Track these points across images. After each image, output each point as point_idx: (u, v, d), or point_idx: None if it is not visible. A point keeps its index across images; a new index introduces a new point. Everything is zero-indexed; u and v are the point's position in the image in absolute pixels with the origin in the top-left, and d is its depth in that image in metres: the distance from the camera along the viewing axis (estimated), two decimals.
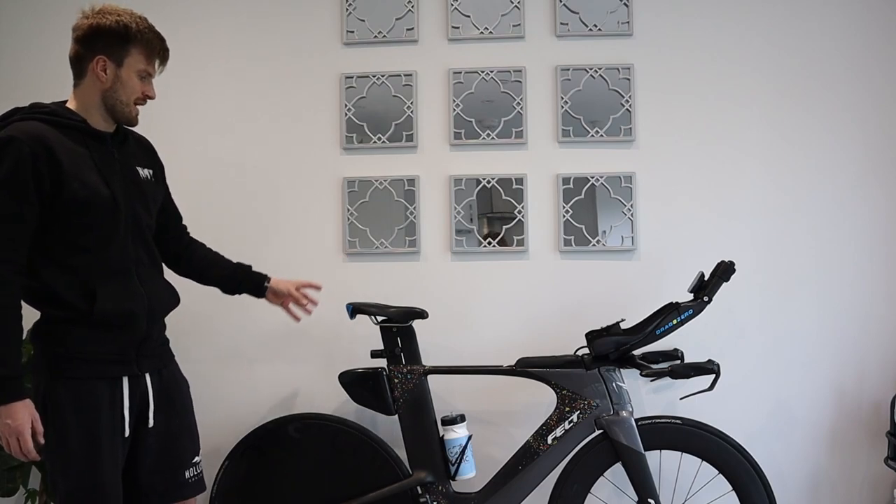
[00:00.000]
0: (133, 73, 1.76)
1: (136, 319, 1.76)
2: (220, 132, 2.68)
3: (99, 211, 1.72)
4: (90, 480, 1.68)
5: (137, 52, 1.76)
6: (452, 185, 2.61)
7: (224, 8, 2.70)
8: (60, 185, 1.67)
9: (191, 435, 1.92)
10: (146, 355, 1.81)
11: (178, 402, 1.90)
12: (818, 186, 2.57)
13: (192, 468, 1.90)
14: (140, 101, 1.80)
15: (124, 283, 1.76)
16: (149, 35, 1.77)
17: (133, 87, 1.77)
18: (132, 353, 1.77)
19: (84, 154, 1.73)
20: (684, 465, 2.39)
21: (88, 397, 1.71)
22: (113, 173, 1.77)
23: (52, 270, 1.71)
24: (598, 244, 2.58)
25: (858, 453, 2.52)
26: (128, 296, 1.75)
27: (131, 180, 1.82)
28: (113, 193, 1.74)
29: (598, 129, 2.59)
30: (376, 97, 2.65)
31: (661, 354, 2.34)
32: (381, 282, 2.62)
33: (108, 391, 1.73)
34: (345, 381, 2.34)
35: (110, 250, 1.74)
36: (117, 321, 1.73)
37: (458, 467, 2.27)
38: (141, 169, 1.87)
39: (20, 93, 2.16)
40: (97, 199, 1.71)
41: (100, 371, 1.72)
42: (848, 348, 2.54)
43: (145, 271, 1.82)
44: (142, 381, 1.80)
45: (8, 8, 2.73)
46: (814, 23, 2.59)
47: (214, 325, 2.63)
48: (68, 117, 1.74)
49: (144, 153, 1.94)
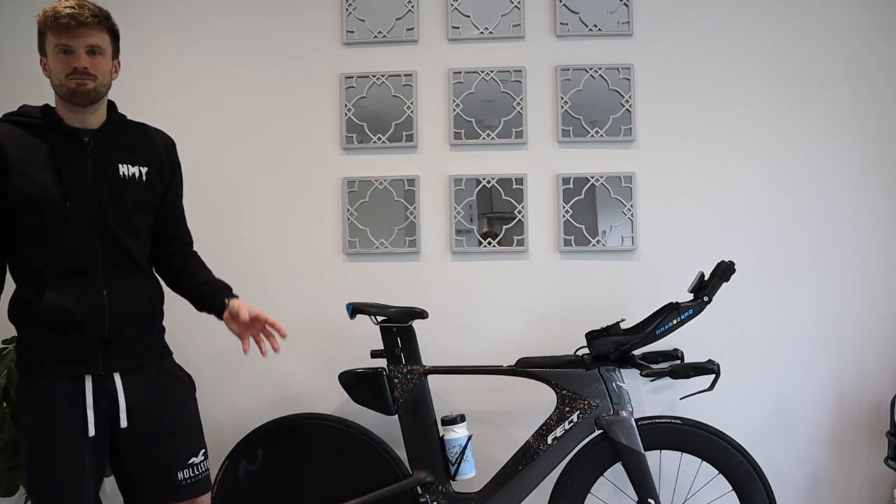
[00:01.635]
0: (53, 54, 1.76)
1: (86, 319, 1.73)
2: (220, 132, 2.68)
3: (47, 209, 1.73)
4: (44, 477, 1.71)
5: (50, 34, 1.75)
6: (452, 185, 2.61)
7: (224, 8, 2.70)
8: (6, 182, 1.72)
9: (186, 435, 1.87)
10: (115, 355, 1.78)
11: (170, 401, 1.85)
12: (818, 186, 2.57)
13: (187, 469, 1.85)
14: (71, 74, 1.75)
15: (80, 283, 1.75)
16: (54, 11, 1.74)
17: (57, 66, 1.75)
18: (96, 352, 1.75)
19: (43, 152, 1.75)
20: (684, 465, 2.40)
21: (45, 394, 1.72)
22: (75, 171, 1.76)
23: (17, 269, 1.77)
24: (598, 244, 2.58)
25: (858, 453, 2.52)
26: (80, 295, 1.74)
27: (103, 178, 1.79)
28: (64, 192, 1.74)
29: (598, 129, 2.59)
30: (376, 97, 2.65)
31: (661, 354, 2.34)
32: (381, 282, 2.62)
33: (68, 389, 1.73)
34: (345, 381, 2.34)
35: (62, 249, 1.75)
36: (63, 318, 1.72)
37: (458, 467, 2.27)
38: (126, 166, 1.83)
39: (19, 93, 2.16)
40: (45, 196, 1.73)
41: (56, 368, 1.73)
42: (848, 348, 2.54)
43: (115, 271, 1.79)
44: (109, 381, 1.77)
45: (8, 8, 2.73)
46: (814, 23, 2.59)
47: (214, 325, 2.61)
48: (36, 117, 1.78)
49: (142, 150, 1.89)
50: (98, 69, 1.77)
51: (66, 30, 1.73)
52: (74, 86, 1.74)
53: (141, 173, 1.85)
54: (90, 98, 1.77)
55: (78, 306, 1.73)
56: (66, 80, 1.74)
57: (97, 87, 1.77)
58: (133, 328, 1.82)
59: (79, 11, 1.73)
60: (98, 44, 1.77)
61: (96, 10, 1.76)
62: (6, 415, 2.28)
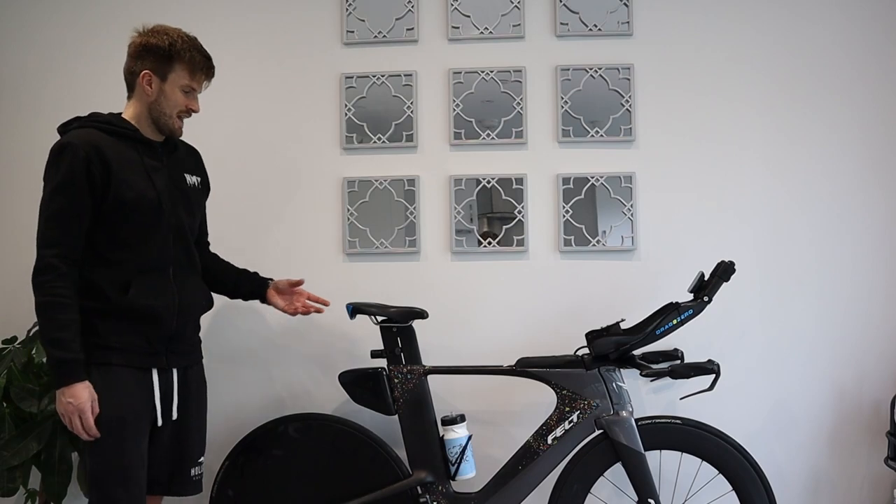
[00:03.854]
0: (176, 87, 1.92)
1: (164, 314, 1.89)
2: (220, 132, 2.68)
3: (143, 211, 1.88)
4: (114, 462, 1.82)
5: (181, 68, 1.91)
6: (452, 185, 2.61)
7: (224, 8, 2.71)
8: (109, 186, 1.83)
9: (200, 435, 2.06)
10: (176, 352, 1.96)
11: (196, 402, 2.04)
12: (818, 186, 2.57)
13: (197, 467, 2.04)
14: (184, 113, 1.96)
15: (159, 279, 1.91)
16: (193, 53, 1.91)
17: (176, 100, 1.93)
18: (162, 347, 1.91)
19: (134, 159, 1.89)
20: (684, 465, 2.39)
21: (116, 383, 1.84)
22: (160, 178, 1.93)
23: (93, 263, 1.86)
24: (598, 244, 2.58)
25: (858, 453, 2.52)
26: (160, 291, 1.90)
27: (177, 186, 1.98)
28: (158, 196, 1.89)
29: (598, 129, 2.59)
30: (376, 97, 2.65)
31: (661, 354, 2.34)
32: (381, 282, 2.62)
33: (137, 379, 1.87)
34: (345, 381, 2.34)
35: (149, 248, 1.89)
36: (145, 313, 1.86)
37: (458, 467, 2.27)
38: (189, 176, 2.04)
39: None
40: (142, 200, 1.87)
41: (127, 359, 1.86)
42: (847, 348, 2.54)
43: (182, 271, 1.96)
44: (168, 376, 1.94)
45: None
46: (814, 22, 2.59)
47: (214, 326, 2.63)
48: (121, 126, 1.91)
49: (194, 162, 2.12)
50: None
51: (204, 75, 1.95)
52: (178, 126, 1.96)
53: (196, 182, 2.08)
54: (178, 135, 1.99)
55: (157, 303, 1.89)
56: (177, 118, 1.95)
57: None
58: (191, 326, 2.03)
59: (212, 64, 1.98)
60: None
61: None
62: (6, 415, 2.28)
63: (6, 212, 2.71)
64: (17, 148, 2.71)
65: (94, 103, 2.12)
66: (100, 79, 2.66)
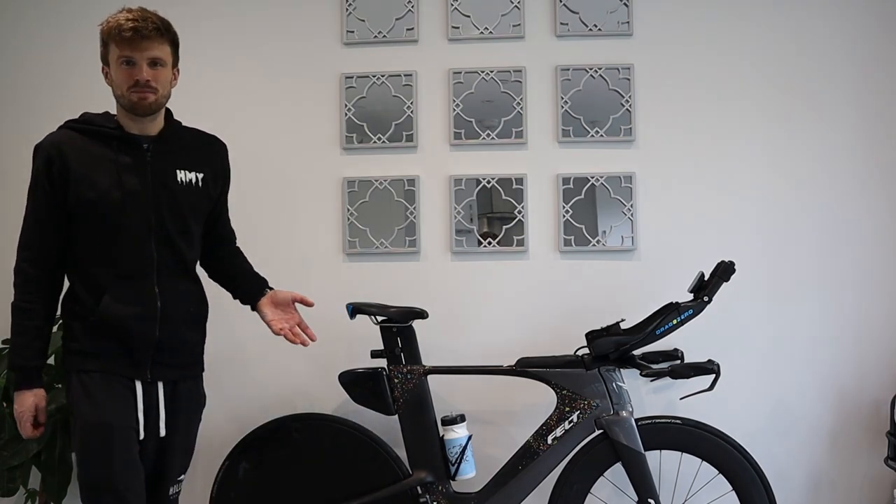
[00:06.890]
0: (116, 65, 1.79)
1: (134, 325, 1.79)
2: (220, 132, 2.66)
3: (106, 213, 1.78)
4: (104, 470, 1.74)
5: (113, 45, 1.79)
6: (452, 185, 2.61)
7: (224, 8, 2.71)
8: (67, 187, 1.77)
9: (185, 454, 1.94)
10: (162, 363, 1.84)
11: (185, 420, 1.92)
12: (819, 186, 2.57)
13: (176, 485, 1.94)
14: (133, 86, 1.78)
15: (139, 286, 1.81)
16: (119, 23, 1.76)
17: (119, 77, 1.79)
18: (145, 358, 1.81)
19: (105, 158, 1.80)
20: (684, 465, 2.39)
21: (96, 390, 1.77)
22: (133, 177, 1.81)
23: (74, 268, 1.82)
24: (598, 244, 2.58)
25: (858, 453, 2.52)
26: (137, 300, 1.80)
27: (162, 184, 1.84)
28: (124, 196, 1.79)
29: (598, 129, 2.59)
30: (376, 97, 2.65)
31: (661, 354, 2.34)
32: (381, 282, 2.62)
33: (119, 388, 1.79)
34: (345, 381, 2.34)
35: (121, 250, 1.80)
36: (115, 324, 1.78)
37: (458, 467, 2.27)
38: (184, 172, 1.89)
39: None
40: (105, 200, 1.78)
41: (106, 366, 1.78)
42: (848, 348, 2.54)
43: (168, 277, 1.85)
44: (153, 389, 1.84)
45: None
46: (815, 22, 2.59)
47: (214, 326, 2.62)
48: (100, 124, 1.83)
49: (199, 156, 1.95)
50: (159, 81, 1.81)
51: (130, 42, 1.77)
52: (136, 99, 1.79)
53: (197, 179, 1.92)
54: (150, 110, 1.82)
55: (134, 312, 1.79)
56: (128, 93, 1.79)
57: (157, 98, 1.82)
58: (182, 335, 1.89)
59: (142, 24, 1.77)
60: (160, 56, 1.81)
61: (158, 21, 1.80)
62: (6, 415, 2.28)
63: (5, 212, 2.71)
64: (14, 150, 2.70)
65: (93, 105, 2.07)
66: (100, 78, 2.66)
